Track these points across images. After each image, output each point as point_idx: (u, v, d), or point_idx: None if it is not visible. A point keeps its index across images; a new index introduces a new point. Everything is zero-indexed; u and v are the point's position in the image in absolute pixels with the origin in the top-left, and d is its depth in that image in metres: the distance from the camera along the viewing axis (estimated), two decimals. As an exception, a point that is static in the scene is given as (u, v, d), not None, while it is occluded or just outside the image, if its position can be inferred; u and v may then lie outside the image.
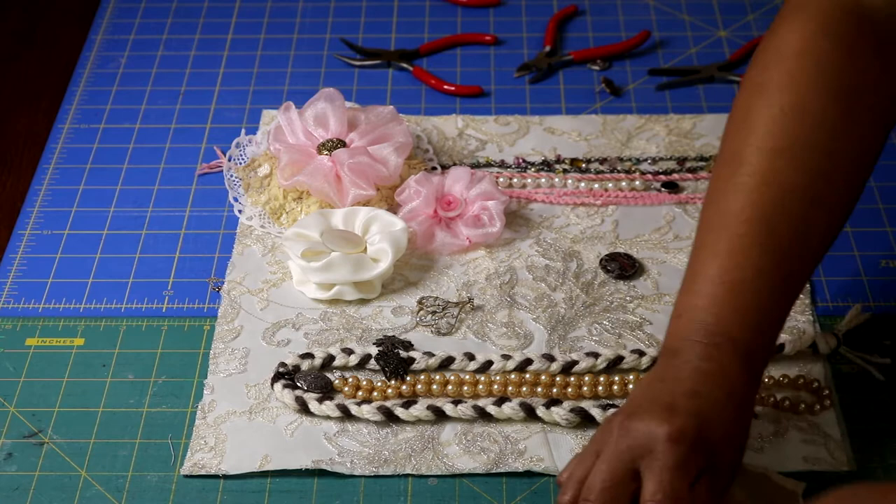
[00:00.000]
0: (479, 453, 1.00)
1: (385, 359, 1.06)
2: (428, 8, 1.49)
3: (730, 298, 0.87)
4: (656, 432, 0.82)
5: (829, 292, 1.13)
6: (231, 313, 1.11)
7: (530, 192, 1.23)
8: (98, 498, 0.98)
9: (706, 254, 0.89)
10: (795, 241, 0.88)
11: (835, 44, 0.90)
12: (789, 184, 0.88)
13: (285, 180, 1.19)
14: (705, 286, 0.87)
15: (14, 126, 1.37)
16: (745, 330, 0.86)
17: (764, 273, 0.87)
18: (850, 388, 1.05)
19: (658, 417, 0.82)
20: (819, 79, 0.89)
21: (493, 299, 1.13)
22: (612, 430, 0.84)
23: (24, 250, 1.19)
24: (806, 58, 0.90)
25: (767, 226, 0.87)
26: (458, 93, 1.35)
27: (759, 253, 0.87)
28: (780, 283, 0.88)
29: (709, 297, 0.87)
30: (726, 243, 0.88)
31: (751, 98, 0.91)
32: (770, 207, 0.87)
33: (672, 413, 0.82)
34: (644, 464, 0.82)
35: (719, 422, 0.84)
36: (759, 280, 0.87)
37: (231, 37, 1.45)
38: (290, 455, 1.00)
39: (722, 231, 0.88)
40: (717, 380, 0.85)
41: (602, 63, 1.39)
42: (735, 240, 0.87)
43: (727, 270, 0.87)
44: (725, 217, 0.88)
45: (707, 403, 0.83)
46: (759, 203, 0.87)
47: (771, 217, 0.87)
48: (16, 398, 1.05)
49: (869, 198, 1.22)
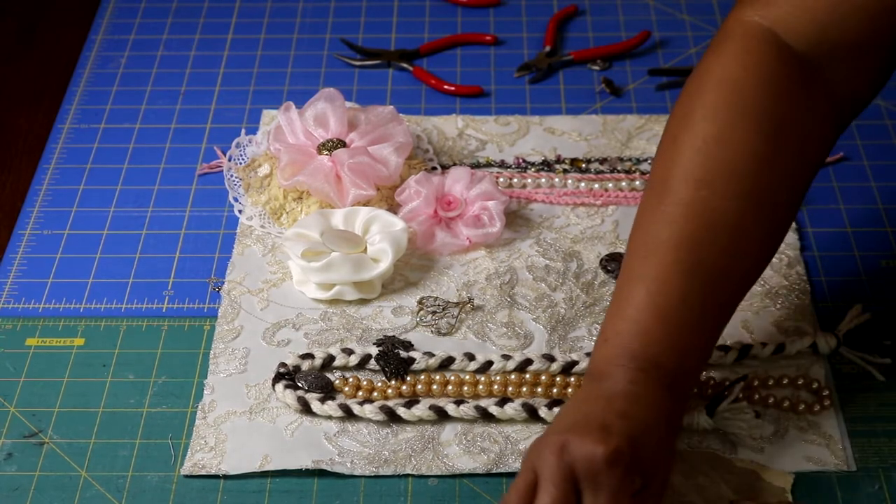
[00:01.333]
0: (480, 453, 1.00)
1: (385, 359, 1.06)
2: (428, 8, 1.49)
3: (656, 325, 0.88)
4: (595, 453, 0.82)
5: (829, 292, 1.13)
6: (231, 313, 1.11)
7: (530, 192, 1.23)
8: (98, 498, 0.98)
9: (634, 280, 0.90)
10: (722, 268, 0.89)
11: (757, 75, 0.91)
12: (714, 213, 0.89)
13: (285, 180, 1.19)
14: (632, 312, 0.89)
15: (14, 126, 1.37)
16: (670, 356, 0.88)
17: (690, 300, 0.88)
18: (850, 388, 1.05)
19: (594, 438, 0.83)
20: (741, 109, 0.91)
21: (493, 299, 1.13)
22: (548, 451, 0.84)
23: (24, 250, 1.19)
24: (729, 88, 0.91)
25: (694, 254, 0.88)
26: (458, 93, 1.36)
27: (686, 280, 0.88)
28: (707, 309, 0.89)
29: (636, 323, 0.88)
30: (654, 270, 0.89)
31: (677, 127, 0.93)
32: (696, 236, 0.89)
33: (608, 434, 0.83)
34: (585, 485, 0.83)
35: (649, 443, 0.85)
36: (685, 307, 0.88)
37: (231, 37, 1.45)
38: (290, 455, 1.00)
39: (650, 258, 0.90)
40: (645, 403, 0.86)
41: (602, 63, 1.39)
42: (662, 267, 0.89)
43: (654, 297, 0.88)
44: (653, 244, 0.90)
45: (637, 425, 0.85)
46: (686, 232, 0.89)
47: (697, 245, 0.89)
48: (16, 398, 1.05)
49: (869, 198, 1.22)
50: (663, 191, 0.91)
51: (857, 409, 1.03)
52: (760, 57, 0.92)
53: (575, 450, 0.83)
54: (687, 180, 0.90)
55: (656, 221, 0.90)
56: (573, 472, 0.83)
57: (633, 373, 0.87)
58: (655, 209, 0.91)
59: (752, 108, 0.90)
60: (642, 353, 0.87)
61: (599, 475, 0.82)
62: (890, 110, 1.32)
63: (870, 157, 1.26)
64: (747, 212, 0.89)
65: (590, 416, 0.85)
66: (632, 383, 0.86)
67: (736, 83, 0.91)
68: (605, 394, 0.86)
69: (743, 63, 0.92)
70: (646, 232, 0.91)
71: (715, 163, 0.89)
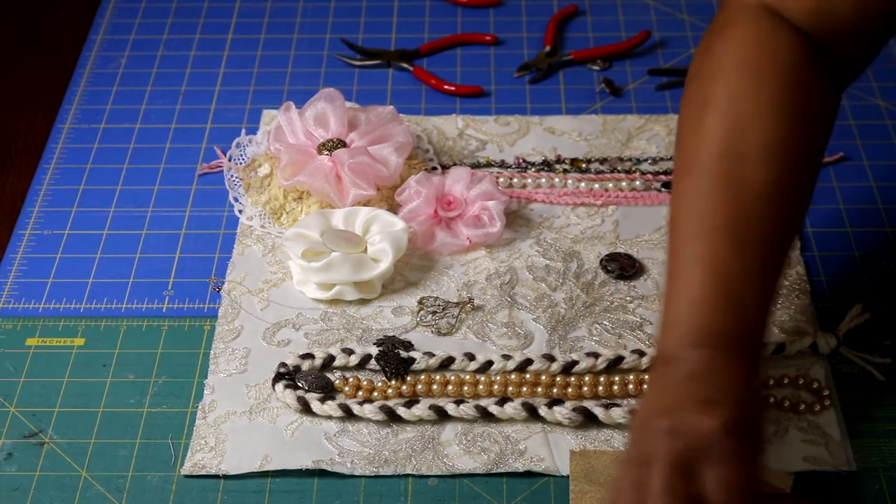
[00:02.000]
0: (480, 453, 1.00)
1: (385, 359, 1.06)
2: (428, 8, 1.49)
3: (720, 301, 0.88)
4: (709, 426, 0.81)
5: (829, 292, 1.13)
6: (231, 313, 1.11)
7: (530, 192, 1.23)
8: (98, 498, 0.98)
9: (686, 263, 0.90)
10: (768, 235, 0.91)
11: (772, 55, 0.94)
12: (754, 185, 0.90)
13: (285, 180, 1.19)
14: (693, 293, 0.89)
15: (14, 126, 1.37)
16: (737, 328, 0.88)
17: (746, 271, 0.89)
18: (850, 388, 1.05)
19: (703, 412, 0.82)
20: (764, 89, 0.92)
21: (493, 299, 1.13)
22: (653, 437, 0.83)
23: (24, 250, 1.19)
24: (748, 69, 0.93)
25: (742, 227, 0.90)
26: (458, 93, 1.36)
27: (737, 253, 0.89)
28: (760, 276, 0.90)
29: (699, 303, 0.88)
30: (704, 249, 0.90)
31: (700, 112, 0.94)
32: (740, 210, 0.90)
33: (714, 406, 0.82)
34: (704, 463, 0.82)
35: (751, 409, 0.85)
36: (743, 279, 0.89)
37: (231, 37, 1.45)
38: (290, 455, 1.00)
39: (697, 239, 0.90)
40: (730, 375, 0.86)
41: (602, 63, 1.39)
42: (711, 245, 0.89)
43: (712, 275, 0.89)
44: (698, 225, 0.91)
45: (735, 394, 0.84)
46: (729, 208, 0.90)
47: (742, 219, 0.90)
48: (16, 398, 1.05)
49: (869, 198, 1.22)
50: (697, 172, 0.92)
51: (857, 409, 1.03)
52: (770, 36, 0.94)
53: (686, 428, 0.82)
54: (722, 157, 0.91)
55: (696, 203, 0.91)
56: (685, 453, 0.82)
57: (708, 350, 0.87)
58: (693, 191, 0.92)
59: (772, 87, 0.92)
60: (711, 330, 0.87)
61: (718, 448, 0.81)
62: (890, 110, 1.32)
63: (870, 157, 1.26)
64: (783, 180, 0.91)
65: (686, 397, 0.84)
66: (711, 359, 0.86)
67: (752, 63, 0.93)
68: (688, 376, 0.86)
69: (755, 43, 0.94)
70: (688, 215, 0.91)
71: (746, 140, 0.91)
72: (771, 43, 0.94)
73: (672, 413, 0.83)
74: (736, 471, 0.82)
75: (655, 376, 0.89)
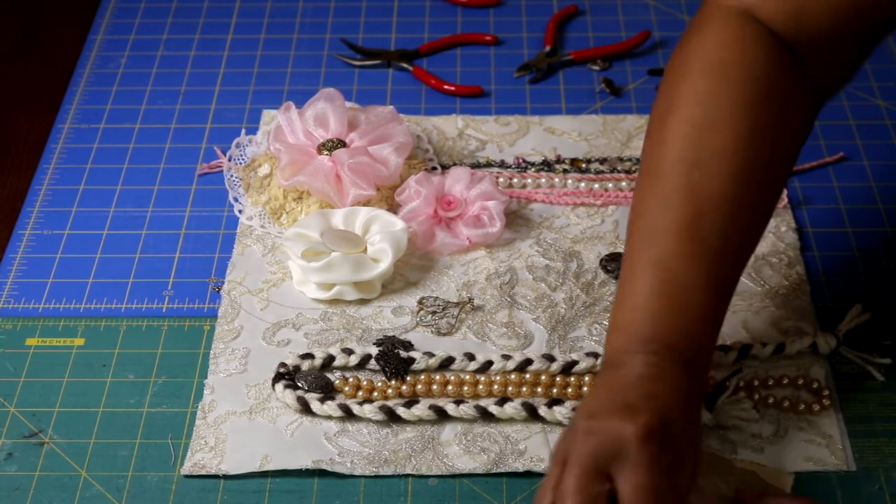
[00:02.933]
0: (480, 453, 1.00)
1: (385, 359, 1.06)
2: (428, 8, 1.49)
3: (665, 309, 0.88)
4: (624, 431, 0.82)
5: (829, 292, 1.13)
6: (231, 313, 1.11)
7: (530, 192, 1.23)
8: (98, 498, 0.98)
9: (637, 268, 0.91)
10: (722, 245, 0.90)
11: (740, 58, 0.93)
12: (709, 193, 0.90)
13: (285, 180, 1.19)
14: (640, 300, 0.89)
15: (14, 126, 1.38)
16: (683, 336, 0.88)
17: (695, 281, 0.89)
18: (850, 388, 1.05)
19: (622, 417, 0.83)
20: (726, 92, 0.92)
21: (493, 299, 1.13)
22: (572, 437, 0.84)
23: (24, 250, 1.19)
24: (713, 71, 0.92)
25: (693, 235, 0.89)
26: (458, 93, 1.36)
27: (688, 262, 0.89)
28: (711, 287, 0.90)
29: (644, 310, 0.89)
30: (656, 256, 0.90)
31: (664, 111, 0.93)
32: (694, 218, 0.89)
33: (634, 412, 0.83)
34: (616, 465, 0.82)
35: (677, 420, 0.85)
36: (691, 289, 0.89)
37: (231, 37, 1.45)
38: (290, 455, 1.00)
39: (650, 245, 0.90)
40: (665, 383, 0.86)
41: (602, 63, 1.39)
42: (664, 253, 0.89)
43: (659, 283, 0.89)
44: (652, 231, 0.91)
45: (662, 404, 0.85)
46: (683, 215, 0.90)
47: (696, 227, 0.89)
48: (16, 398, 1.05)
49: (869, 198, 1.22)
50: (656, 176, 0.92)
51: (857, 409, 1.03)
52: (742, 39, 0.93)
53: (602, 431, 0.82)
54: (679, 163, 0.91)
55: (653, 208, 0.91)
56: (601, 456, 0.82)
57: (649, 356, 0.87)
58: (651, 196, 0.92)
59: (738, 91, 0.91)
60: (654, 337, 0.87)
61: (631, 453, 0.82)
62: (890, 110, 1.32)
63: (870, 157, 1.26)
64: (739, 190, 0.90)
65: (613, 400, 0.85)
66: (649, 366, 0.86)
67: (720, 66, 0.92)
68: (624, 380, 0.86)
69: (725, 45, 0.93)
70: (644, 219, 0.92)
71: (705, 145, 0.90)
72: (742, 46, 0.92)
73: (595, 415, 0.84)
74: (647, 478, 0.81)
75: (597, 379, 0.90)
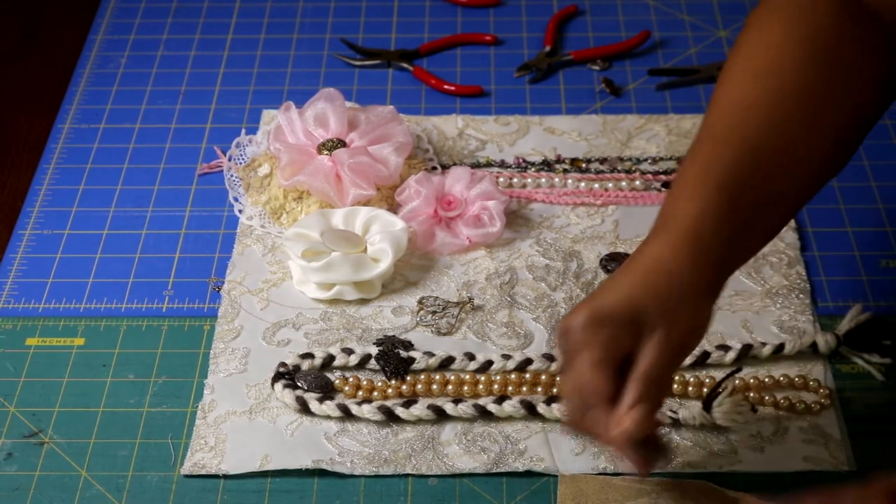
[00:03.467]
0: (480, 453, 1.00)
1: (385, 359, 1.06)
2: (428, 8, 1.49)
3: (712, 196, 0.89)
4: (568, 322, 0.86)
5: (829, 292, 1.13)
6: (231, 313, 1.11)
7: (530, 192, 1.23)
8: (98, 498, 0.98)
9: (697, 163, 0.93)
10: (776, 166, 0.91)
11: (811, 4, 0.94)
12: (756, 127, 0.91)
13: (285, 180, 1.19)
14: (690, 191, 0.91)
15: (14, 126, 1.38)
16: (720, 233, 0.88)
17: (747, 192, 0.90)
18: (850, 388, 1.05)
19: (580, 306, 0.87)
20: (794, 33, 0.93)
21: (493, 299, 1.13)
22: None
23: (24, 250, 1.19)
24: (781, 17, 0.94)
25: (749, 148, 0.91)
26: (458, 93, 1.36)
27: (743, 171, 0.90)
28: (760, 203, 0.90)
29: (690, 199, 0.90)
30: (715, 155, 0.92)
31: (730, 58, 0.95)
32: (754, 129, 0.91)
33: (590, 298, 0.87)
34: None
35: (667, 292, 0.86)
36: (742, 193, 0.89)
37: (231, 37, 1.45)
38: (290, 455, 1.00)
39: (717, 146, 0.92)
40: (672, 260, 0.87)
41: (602, 63, 1.39)
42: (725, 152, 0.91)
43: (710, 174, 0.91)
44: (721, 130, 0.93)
45: (657, 279, 0.86)
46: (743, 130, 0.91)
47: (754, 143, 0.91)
48: (16, 398, 1.05)
49: (869, 198, 1.22)
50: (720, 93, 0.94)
51: (857, 409, 1.03)
52: (819, 14, 0.94)
53: (562, 323, 0.87)
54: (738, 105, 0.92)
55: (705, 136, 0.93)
56: (565, 348, 0.87)
57: (670, 235, 0.88)
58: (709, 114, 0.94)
59: (804, 35, 0.93)
60: (686, 223, 0.88)
61: (569, 340, 0.86)
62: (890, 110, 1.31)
63: (870, 157, 1.26)
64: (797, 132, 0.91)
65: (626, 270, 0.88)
66: (665, 244, 0.88)
67: (786, 13, 0.94)
68: (636, 255, 0.89)
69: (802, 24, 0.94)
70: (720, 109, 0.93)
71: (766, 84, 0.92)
72: (816, 20, 0.94)
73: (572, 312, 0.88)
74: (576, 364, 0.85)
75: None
